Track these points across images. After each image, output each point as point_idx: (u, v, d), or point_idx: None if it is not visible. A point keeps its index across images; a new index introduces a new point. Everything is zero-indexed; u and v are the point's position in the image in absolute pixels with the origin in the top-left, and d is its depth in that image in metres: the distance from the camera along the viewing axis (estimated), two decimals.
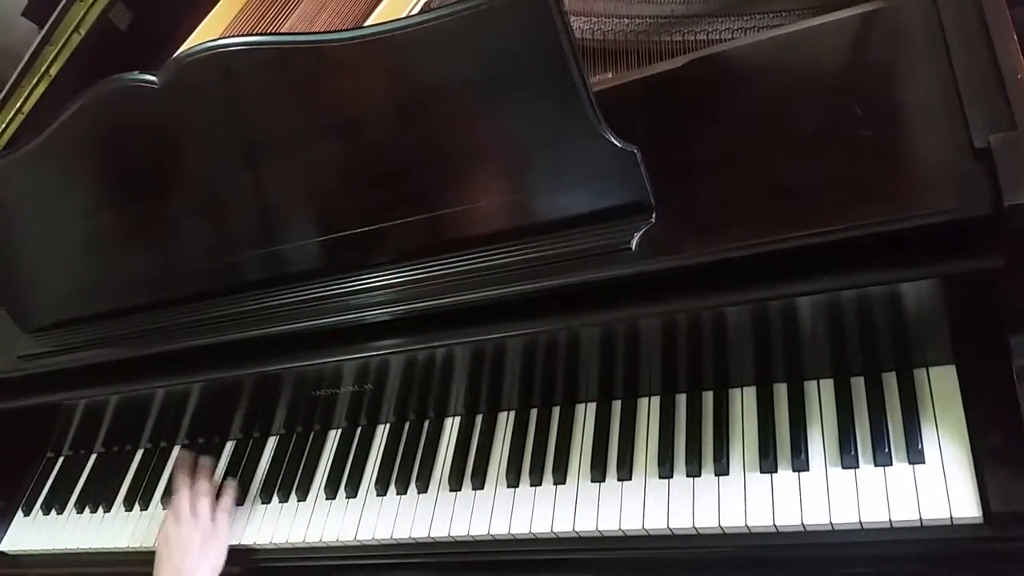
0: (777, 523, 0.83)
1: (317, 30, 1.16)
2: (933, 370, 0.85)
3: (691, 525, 0.86)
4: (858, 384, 0.87)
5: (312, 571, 1.09)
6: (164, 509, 1.17)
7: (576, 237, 0.82)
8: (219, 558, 1.05)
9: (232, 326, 0.98)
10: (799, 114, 0.82)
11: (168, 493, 1.18)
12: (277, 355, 1.00)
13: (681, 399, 0.95)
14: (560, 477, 0.95)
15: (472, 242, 0.86)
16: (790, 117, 0.82)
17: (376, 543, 1.02)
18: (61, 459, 1.34)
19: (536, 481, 0.96)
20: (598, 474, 0.93)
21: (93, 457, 1.31)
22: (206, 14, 1.23)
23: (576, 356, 0.95)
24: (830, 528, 0.81)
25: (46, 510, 1.28)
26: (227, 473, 1.16)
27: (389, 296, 0.90)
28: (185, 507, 1.07)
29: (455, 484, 1.00)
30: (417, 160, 0.84)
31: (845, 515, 0.80)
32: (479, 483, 0.99)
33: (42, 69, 1.23)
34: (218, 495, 1.11)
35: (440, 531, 0.97)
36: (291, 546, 1.06)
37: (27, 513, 1.30)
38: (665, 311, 0.85)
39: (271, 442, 1.17)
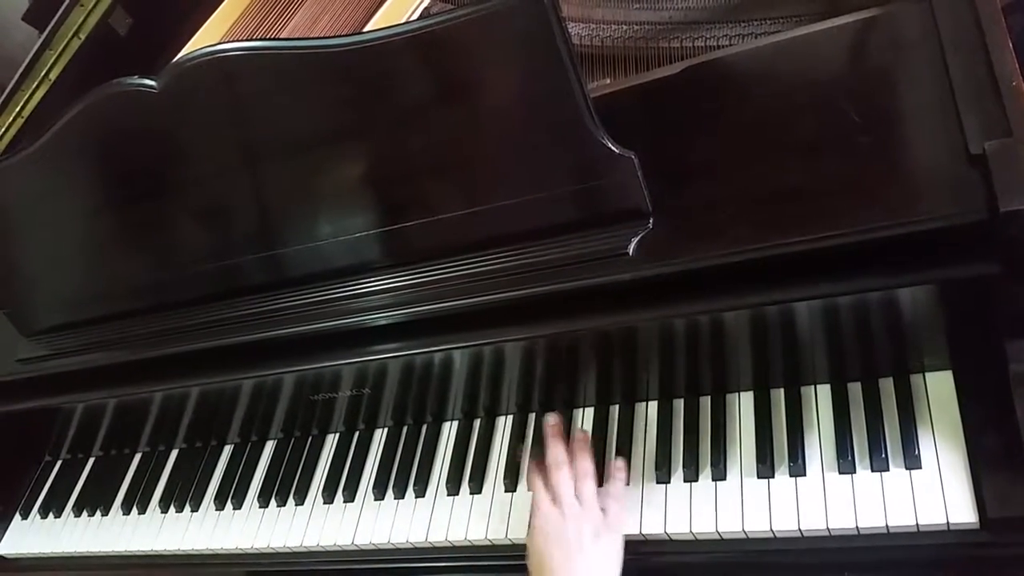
0: (774, 528, 0.83)
1: (317, 35, 1.16)
2: (930, 375, 0.85)
3: (688, 531, 0.86)
4: (855, 389, 0.87)
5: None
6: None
7: (573, 242, 0.83)
8: (617, 558, 0.83)
9: (230, 330, 0.98)
10: (796, 120, 0.82)
11: (163, 496, 1.19)
12: (276, 359, 1.00)
13: (679, 404, 0.95)
14: None
15: (469, 247, 0.86)
16: (787, 123, 0.82)
17: (373, 547, 1.02)
18: (59, 462, 1.34)
19: None
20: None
21: (91, 460, 1.31)
22: (206, 19, 1.23)
23: (574, 361, 0.95)
24: (827, 533, 0.81)
25: (44, 513, 1.28)
26: (224, 478, 1.16)
27: (388, 300, 0.90)
28: (568, 491, 0.86)
29: (452, 489, 1.00)
30: (415, 165, 0.84)
31: (842, 520, 0.80)
32: (476, 488, 0.99)
33: (42, 73, 1.24)
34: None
35: (437, 536, 0.97)
36: (290, 550, 1.06)
37: (25, 516, 1.30)
38: (663, 316, 0.84)
39: (268, 446, 1.17)
